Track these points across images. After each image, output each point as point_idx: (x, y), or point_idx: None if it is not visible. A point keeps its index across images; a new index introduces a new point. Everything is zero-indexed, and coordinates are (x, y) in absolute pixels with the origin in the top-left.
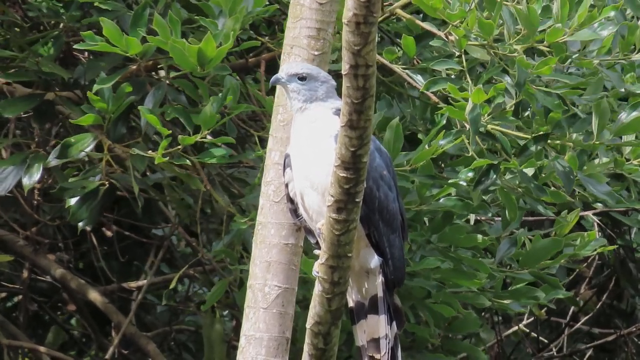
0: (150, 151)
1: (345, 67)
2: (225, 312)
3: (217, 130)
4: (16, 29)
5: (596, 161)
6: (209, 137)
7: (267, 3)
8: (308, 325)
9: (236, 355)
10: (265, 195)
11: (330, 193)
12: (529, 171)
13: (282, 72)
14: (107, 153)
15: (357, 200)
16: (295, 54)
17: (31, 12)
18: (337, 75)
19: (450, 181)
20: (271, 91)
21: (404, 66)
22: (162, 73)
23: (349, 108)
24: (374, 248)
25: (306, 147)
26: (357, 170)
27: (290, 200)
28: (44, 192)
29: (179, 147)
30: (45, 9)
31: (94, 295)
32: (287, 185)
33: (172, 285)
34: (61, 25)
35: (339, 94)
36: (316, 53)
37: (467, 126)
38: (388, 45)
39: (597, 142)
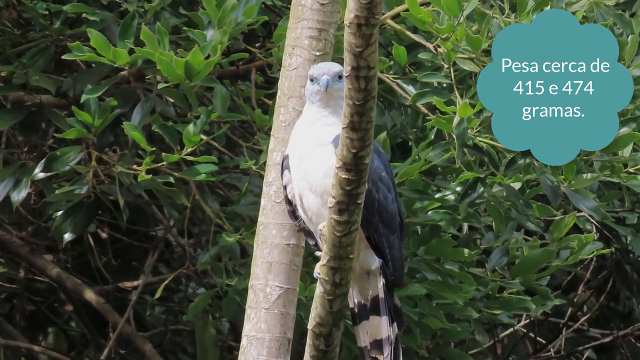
0: (136, 165)
1: (346, 69)
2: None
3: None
4: (5, 35)
5: (584, 176)
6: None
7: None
8: (309, 327)
9: (230, 357)
10: (267, 196)
11: (331, 194)
12: (516, 185)
13: (326, 75)
14: (95, 165)
15: (358, 201)
16: (297, 54)
17: (25, 14)
18: None
19: (437, 196)
20: (269, 97)
21: (394, 75)
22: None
23: (351, 110)
24: (373, 249)
25: (305, 149)
26: (359, 172)
27: (289, 202)
28: (40, 193)
29: (164, 163)
30: (35, 20)
31: (90, 295)
32: (285, 187)
33: (157, 295)
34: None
35: None
36: (318, 54)
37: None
38: (379, 53)
39: (586, 157)
